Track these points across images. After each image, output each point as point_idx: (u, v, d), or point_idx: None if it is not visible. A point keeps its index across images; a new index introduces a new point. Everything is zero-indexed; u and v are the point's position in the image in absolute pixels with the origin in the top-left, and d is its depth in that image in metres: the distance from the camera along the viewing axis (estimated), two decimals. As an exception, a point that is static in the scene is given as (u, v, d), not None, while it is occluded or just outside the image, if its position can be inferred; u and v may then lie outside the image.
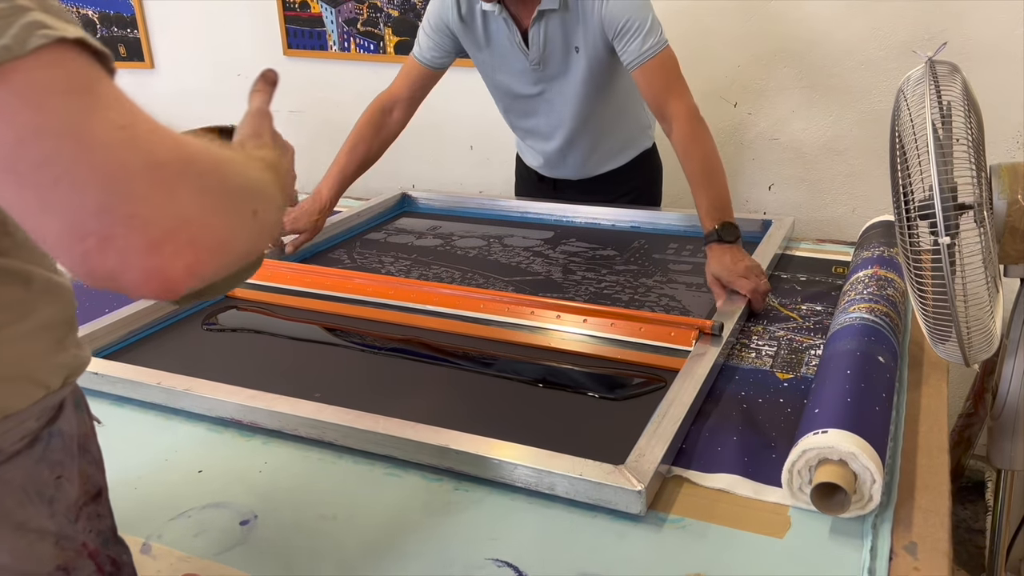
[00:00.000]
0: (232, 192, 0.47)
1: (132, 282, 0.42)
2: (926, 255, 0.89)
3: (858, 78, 1.95)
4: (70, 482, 0.55)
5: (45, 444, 0.53)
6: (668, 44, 1.41)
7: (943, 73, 0.92)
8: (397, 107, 1.60)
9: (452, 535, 0.79)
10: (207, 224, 0.44)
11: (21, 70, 0.40)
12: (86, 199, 0.40)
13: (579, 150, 1.65)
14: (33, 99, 0.40)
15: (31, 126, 0.40)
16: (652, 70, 1.40)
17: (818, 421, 0.81)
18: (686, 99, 1.40)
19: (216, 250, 0.44)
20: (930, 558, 0.73)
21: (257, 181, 0.52)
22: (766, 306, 1.24)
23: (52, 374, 0.54)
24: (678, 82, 1.41)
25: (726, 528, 0.78)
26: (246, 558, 0.77)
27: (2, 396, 0.50)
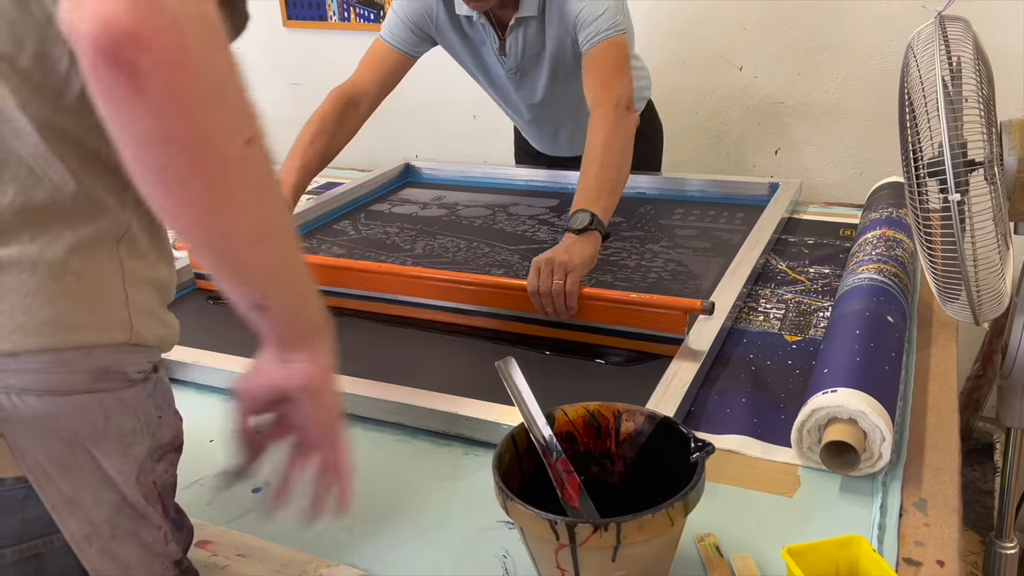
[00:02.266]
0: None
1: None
2: (935, 214, 0.89)
3: (865, 37, 1.93)
4: (167, 426, 0.62)
5: (154, 384, 0.60)
6: (620, 34, 1.31)
7: (953, 29, 0.91)
8: (364, 101, 1.44)
9: (462, 499, 0.80)
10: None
11: None
12: None
13: (571, 134, 1.65)
14: None
15: None
16: (592, 58, 1.32)
17: (827, 381, 0.81)
18: (616, 89, 1.27)
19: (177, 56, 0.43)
20: (940, 514, 0.74)
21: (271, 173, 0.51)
22: (573, 312, 1.05)
23: (161, 327, 0.61)
24: (614, 72, 1.30)
25: (736, 488, 0.79)
26: (259, 525, 0.77)
27: (139, 324, 0.57)
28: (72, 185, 0.54)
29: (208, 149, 0.46)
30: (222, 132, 0.46)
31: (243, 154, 0.48)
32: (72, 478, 0.56)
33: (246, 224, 0.51)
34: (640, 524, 0.58)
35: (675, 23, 2.08)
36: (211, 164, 0.47)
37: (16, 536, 0.57)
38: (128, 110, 0.44)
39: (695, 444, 0.65)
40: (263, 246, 0.53)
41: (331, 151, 1.41)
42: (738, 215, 1.50)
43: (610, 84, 1.29)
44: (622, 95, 1.28)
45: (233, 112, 0.47)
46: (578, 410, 0.72)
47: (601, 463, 0.73)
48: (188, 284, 1.32)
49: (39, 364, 0.53)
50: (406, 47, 1.46)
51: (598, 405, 0.72)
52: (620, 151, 1.23)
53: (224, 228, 0.50)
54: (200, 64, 0.44)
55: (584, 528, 0.58)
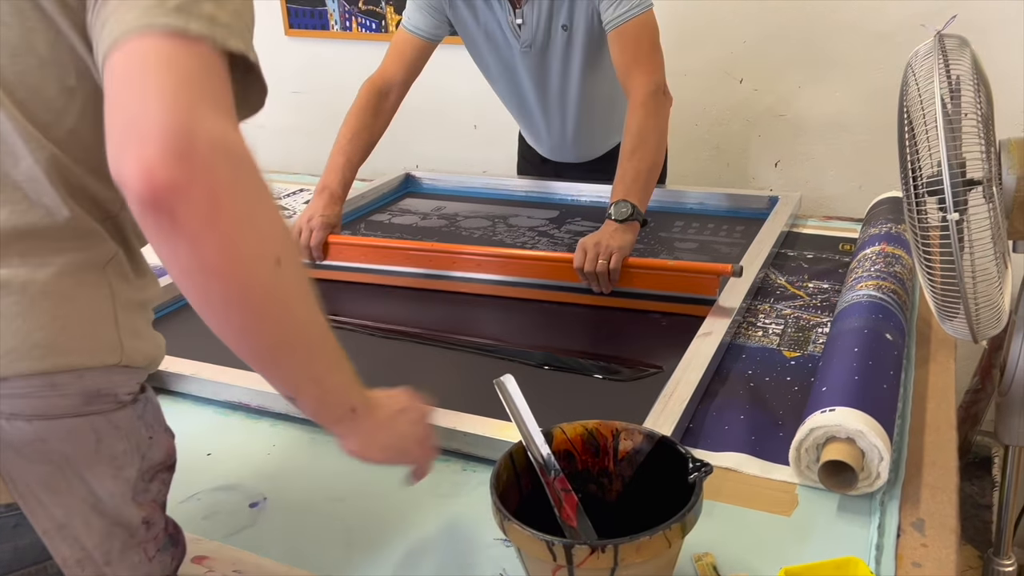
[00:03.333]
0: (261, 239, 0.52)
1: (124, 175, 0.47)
2: (934, 231, 0.89)
3: (865, 52, 1.93)
4: (158, 445, 0.62)
5: (143, 405, 0.61)
6: (649, 9, 1.36)
7: (952, 47, 0.91)
8: (393, 90, 1.51)
9: (460, 515, 0.80)
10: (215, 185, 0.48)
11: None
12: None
13: (578, 133, 1.64)
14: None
15: None
16: (624, 35, 1.34)
17: (825, 399, 0.81)
18: (651, 73, 1.34)
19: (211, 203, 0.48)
20: (938, 535, 0.74)
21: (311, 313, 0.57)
22: (610, 288, 1.20)
23: (149, 347, 0.61)
24: (649, 53, 1.35)
25: (734, 507, 0.79)
26: (255, 540, 0.77)
27: (129, 346, 0.58)
28: (65, 211, 0.55)
29: (241, 275, 0.51)
30: (253, 258, 0.51)
31: (273, 275, 0.52)
32: (63, 503, 0.56)
33: (275, 337, 0.55)
34: (637, 546, 0.58)
35: (675, 35, 2.09)
36: (244, 289, 0.51)
37: (8, 564, 0.57)
38: (170, 246, 0.49)
39: (693, 464, 0.65)
40: (291, 355, 0.57)
41: (371, 143, 1.50)
42: (737, 228, 1.50)
43: (645, 67, 1.34)
44: (659, 79, 1.34)
45: (263, 236, 0.51)
46: (576, 428, 0.72)
47: (599, 482, 0.73)
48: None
49: (30, 388, 0.53)
50: (426, 32, 1.49)
51: (596, 423, 0.72)
52: (657, 139, 1.32)
53: (255, 343, 0.55)
54: (231, 199, 0.49)
55: (581, 550, 0.57)
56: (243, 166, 0.50)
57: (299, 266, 0.55)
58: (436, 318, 1.22)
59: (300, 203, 1.80)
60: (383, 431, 0.69)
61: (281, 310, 0.54)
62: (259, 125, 3.11)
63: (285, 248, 0.53)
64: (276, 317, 0.54)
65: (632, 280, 1.20)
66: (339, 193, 1.43)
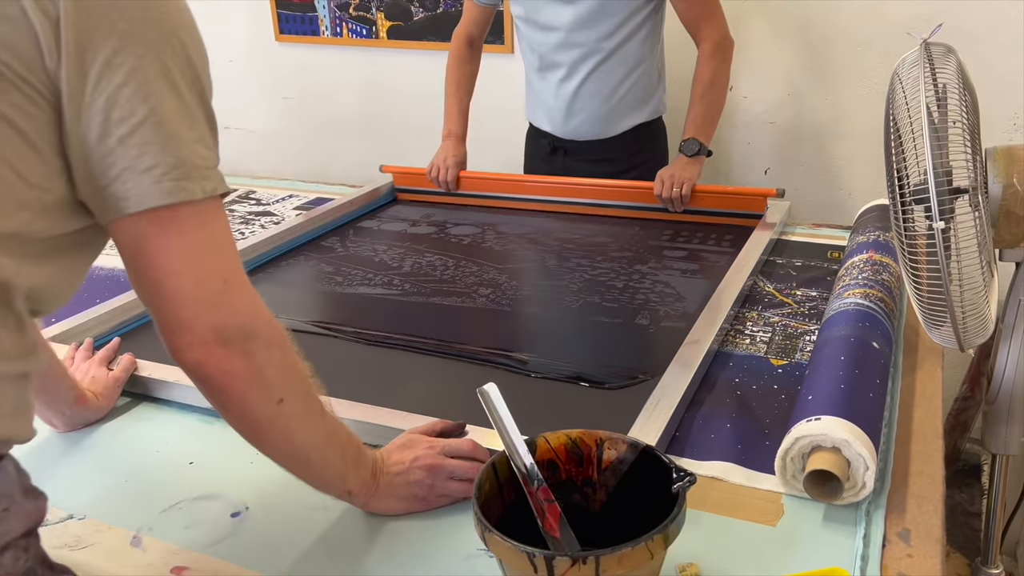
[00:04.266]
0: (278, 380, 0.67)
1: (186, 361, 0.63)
2: (921, 240, 0.89)
3: (855, 60, 1.94)
4: (16, 516, 0.60)
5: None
6: None
7: (938, 55, 0.91)
8: (475, 39, 1.81)
9: (443, 525, 0.79)
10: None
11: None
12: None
13: (594, 96, 1.66)
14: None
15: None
16: None
17: (811, 408, 0.81)
18: (718, 24, 1.58)
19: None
20: (923, 545, 0.73)
21: (317, 434, 0.71)
22: (683, 206, 1.55)
23: (11, 426, 0.60)
24: (714, 6, 1.58)
25: (719, 516, 0.78)
26: (237, 550, 0.76)
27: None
28: None
29: (247, 414, 0.66)
30: (258, 402, 0.65)
31: (274, 412, 0.66)
32: None
33: (276, 453, 0.71)
34: (619, 557, 0.57)
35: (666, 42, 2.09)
36: (249, 422, 0.67)
37: None
38: (203, 391, 0.66)
39: (677, 474, 0.64)
40: (289, 464, 0.72)
41: (472, 86, 1.83)
42: (727, 235, 1.50)
43: (712, 18, 1.59)
44: (725, 29, 1.60)
45: (270, 384, 0.65)
46: (560, 437, 0.72)
47: (583, 491, 0.72)
48: (388, 195, 1.76)
49: None
50: (487, 2, 1.77)
51: (580, 432, 0.72)
52: (723, 85, 1.61)
53: (261, 450, 0.70)
54: (250, 372, 0.64)
55: (562, 561, 0.57)
56: (263, 341, 0.64)
57: (303, 399, 0.68)
58: (432, 318, 1.22)
59: (290, 208, 1.79)
60: (389, 496, 0.78)
61: (282, 437, 0.68)
62: (250, 131, 3.11)
63: (287, 390, 0.66)
64: (274, 441, 0.69)
65: (699, 201, 1.56)
66: (462, 134, 1.78)
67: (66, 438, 0.95)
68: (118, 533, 0.79)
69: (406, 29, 2.33)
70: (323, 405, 0.71)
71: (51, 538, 0.78)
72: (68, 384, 0.92)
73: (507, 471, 0.69)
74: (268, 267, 1.45)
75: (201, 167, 0.60)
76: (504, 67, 2.21)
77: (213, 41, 2.59)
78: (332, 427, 0.73)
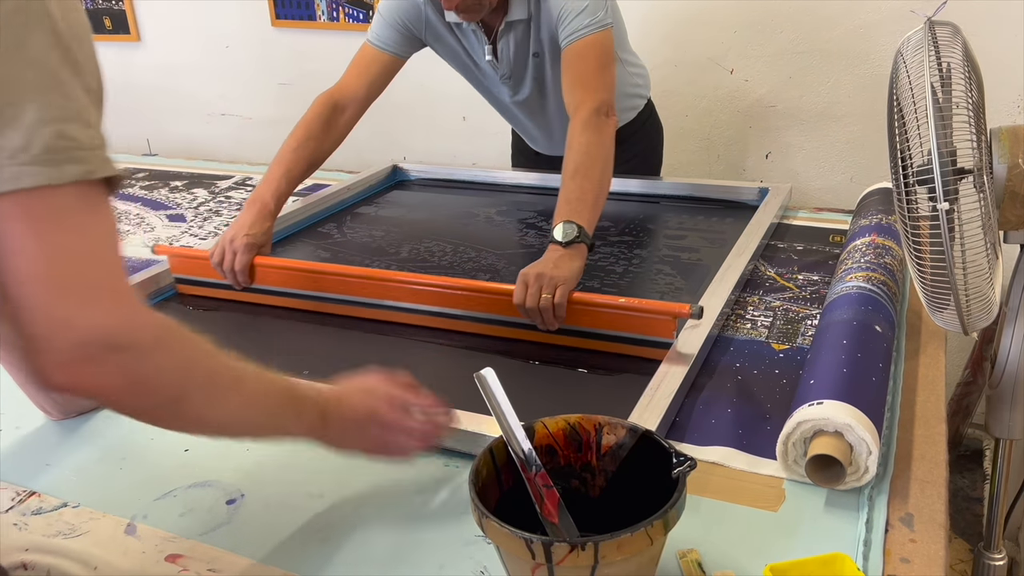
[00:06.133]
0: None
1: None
2: (924, 222, 0.87)
3: (856, 42, 1.92)
4: None
5: None
6: (603, 30, 1.27)
7: (943, 35, 0.90)
8: (351, 106, 1.41)
9: (441, 512, 0.78)
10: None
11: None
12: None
13: (565, 126, 1.61)
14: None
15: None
16: (571, 54, 1.28)
17: (813, 392, 0.80)
18: (595, 91, 1.25)
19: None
20: (926, 530, 0.72)
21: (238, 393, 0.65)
22: (557, 324, 1.06)
23: None
24: (595, 73, 1.27)
25: (720, 502, 0.77)
26: (232, 537, 0.76)
27: None
28: None
29: (143, 416, 0.62)
30: (151, 408, 0.61)
31: (173, 410, 0.61)
32: None
33: (195, 433, 0.69)
34: (618, 543, 0.56)
35: (666, 26, 2.07)
36: (149, 421, 0.63)
37: None
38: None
39: (676, 459, 0.63)
40: (216, 435, 0.70)
41: (317, 158, 1.38)
42: (727, 219, 1.49)
43: (588, 86, 1.26)
44: (602, 98, 1.24)
45: (159, 389, 0.59)
46: (559, 423, 0.71)
47: (582, 477, 0.71)
48: (167, 289, 1.30)
49: None
50: (395, 49, 1.43)
51: (579, 417, 0.71)
52: (602, 160, 1.21)
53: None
54: (138, 389, 0.58)
55: (561, 547, 0.56)
56: (138, 351, 0.56)
57: (205, 387, 0.62)
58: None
59: (286, 195, 1.77)
60: (344, 439, 0.74)
61: (190, 424, 0.65)
62: (246, 117, 3.09)
63: (185, 386, 0.61)
64: (186, 428, 0.65)
65: (579, 318, 1.05)
66: (271, 208, 1.28)
67: (60, 425, 0.94)
68: (112, 521, 0.78)
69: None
70: (235, 377, 0.65)
71: (44, 526, 0.78)
72: None
73: (505, 457, 0.68)
74: (265, 253, 1.43)
75: (74, 148, 0.52)
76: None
77: (209, 27, 2.59)
78: (251, 394, 0.66)
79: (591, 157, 1.19)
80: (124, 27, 2.68)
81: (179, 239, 1.53)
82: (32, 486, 0.84)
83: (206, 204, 1.75)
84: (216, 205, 1.73)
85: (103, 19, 2.69)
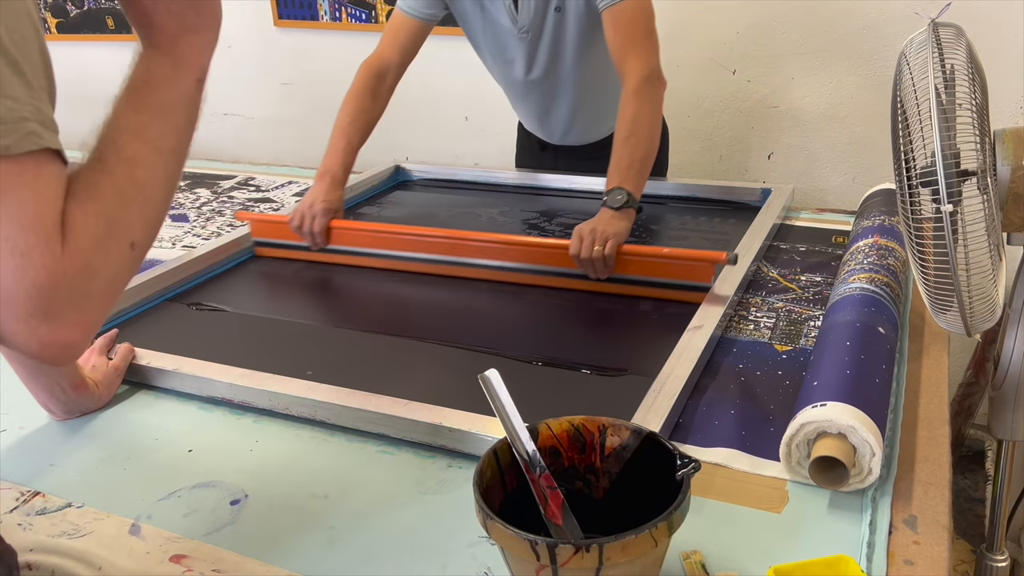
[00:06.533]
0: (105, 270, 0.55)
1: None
2: (928, 223, 0.87)
3: (859, 43, 1.92)
4: None
5: None
6: None
7: (947, 36, 0.90)
8: (390, 72, 1.52)
9: (445, 513, 0.78)
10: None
11: None
12: None
13: (574, 116, 1.62)
14: None
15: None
16: (617, 17, 1.33)
17: (817, 394, 0.80)
18: (646, 57, 1.33)
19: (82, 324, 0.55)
20: (930, 531, 0.72)
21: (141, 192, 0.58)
22: (605, 275, 1.21)
23: None
24: (644, 38, 1.34)
25: (723, 503, 0.77)
26: (236, 538, 0.76)
27: None
28: None
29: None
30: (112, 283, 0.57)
31: (131, 254, 0.58)
32: None
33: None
34: (623, 545, 0.56)
35: (668, 26, 2.06)
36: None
37: None
38: None
39: (681, 461, 0.63)
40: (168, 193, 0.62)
41: (370, 125, 1.51)
42: (730, 220, 1.49)
43: (640, 52, 1.33)
44: (652, 65, 1.34)
45: (114, 280, 0.57)
46: (562, 424, 0.71)
47: (586, 478, 0.71)
48: (247, 252, 1.43)
49: None
50: (422, 14, 1.49)
51: (583, 419, 0.71)
52: (651, 125, 1.32)
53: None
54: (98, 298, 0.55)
55: (565, 549, 0.56)
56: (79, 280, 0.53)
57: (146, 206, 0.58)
58: (434, 305, 1.20)
59: (289, 195, 1.78)
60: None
61: (148, 217, 0.59)
62: (248, 117, 3.10)
63: (123, 234, 0.56)
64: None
65: (627, 267, 1.20)
66: (340, 177, 1.44)
67: (64, 426, 0.94)
68: (117, 521, 0.78)
69: (406, 13, 2.30)
70: (129, 159, 0.58)
71: (49, 526, 0.78)
72: (65, 369, 0.91)
73: (509, 458, 0.68)
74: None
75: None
76: (505, 52, 2.19)
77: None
78: (152, 135, 0.60)
79: (641, 125, 1.31)
80: (126, 27, 2.68)
81: (181, 239, 1.53)
82: (36, 486, 0.84)
83: (208, 204, 1.75)
84: (219, 205, 1.73)
85: (106, 19, 2.69)
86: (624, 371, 1.01)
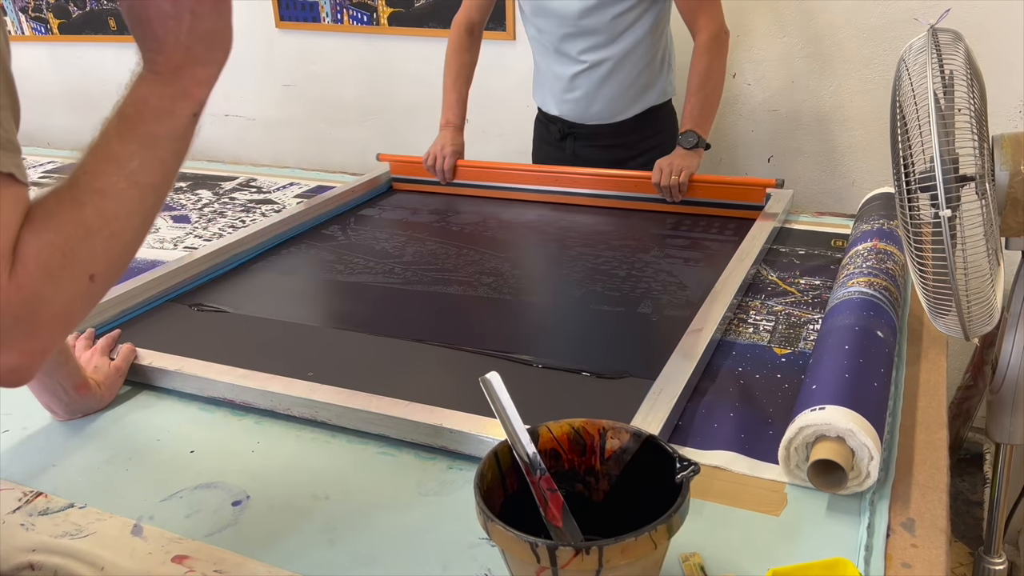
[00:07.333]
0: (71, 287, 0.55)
1: None
2: (926, 228, 0.88)
3: (859, 47, 1.92)
4: None
5: None
6: None
7: (945, 41, 0.90)
8: (475, 27, 1.77)
9: (445, 514, 0.78)
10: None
11: None
12: None
13: (603, 82, 1.66)
14: None
15: None
16: None
17: (815, 397, 0.80)
18: (714, 16, 1.57)
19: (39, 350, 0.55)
20: (928, 535, 0.73)
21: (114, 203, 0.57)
22: (680, 197, 1.53)
23: None
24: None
25: (722, 506, 0.78)
26: (238, 538, 0.76)
27: None
28: None
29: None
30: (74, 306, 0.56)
31: (89, 286, 0.57)
32: None
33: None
34: (622, 547, 0.57)
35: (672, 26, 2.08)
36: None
37: None
38: None
39: (680, 464, 0.64)
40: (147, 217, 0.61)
41: (471, 75, 1.80)
42: (729, 224, 1.49)
43: (709, 9, 1.58)
44: (720, 21, 1.59)
45: (71, 309, 0.56)
46: (563, 427, 0.71)
47: (586, 481, 0.72)
48: (385, 186, 1.80)
49: None
50: None
51: (583, 422, 0.71)
52: (719, 78, 1.60)
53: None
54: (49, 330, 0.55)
55: (565, 551, 0.56)
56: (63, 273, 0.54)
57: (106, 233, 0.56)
58: (435, 307, 1.21)
59: (290, 197, 1.78)
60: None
61: (113, 246, 0.58)
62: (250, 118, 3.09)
63: (91, 268, 0.56)
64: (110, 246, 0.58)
65: (698, 192, 1.53)
66: (460, 124, 1.75)
67: (66, 426, 0.95)
68: (119, 522, 0.79)
69: (407, 15, 2.31)
70: (98, 190, 0.56)
71: (51, 527, 0.78)
72: (67, 370, 0.92)
73: (509, 460, 0.68)
74: (269, 255, 1.45)
75: None
76: (506, 54, 2.19)
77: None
78: (129, 171, 0.58)
79: (711, 78, 1.59)
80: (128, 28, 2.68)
81: (184, 240, 1.54)
82: (39, 487, 0.84)
83: (210, 205, 1.75)
84: (220, 206, 1.74)
85: (108, 20, 2.69)
86: (624, 374, 1.01)
